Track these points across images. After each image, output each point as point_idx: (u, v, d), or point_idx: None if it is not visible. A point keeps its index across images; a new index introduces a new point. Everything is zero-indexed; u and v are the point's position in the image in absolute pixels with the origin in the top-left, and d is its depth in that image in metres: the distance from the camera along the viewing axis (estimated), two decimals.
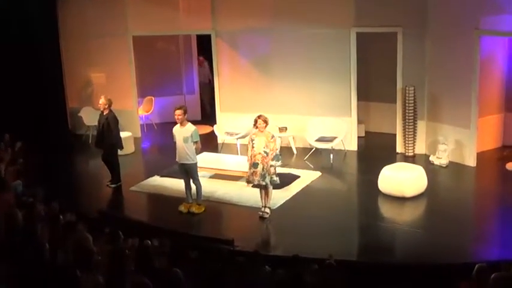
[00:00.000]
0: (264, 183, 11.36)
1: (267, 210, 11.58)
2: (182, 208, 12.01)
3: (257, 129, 11.42)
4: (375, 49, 15.69)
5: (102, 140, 13.38)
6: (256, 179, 11.37)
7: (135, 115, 17.17)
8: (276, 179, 11.46)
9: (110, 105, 13.33)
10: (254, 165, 11.34)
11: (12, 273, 6.86)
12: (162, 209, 12.54)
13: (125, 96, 16.93)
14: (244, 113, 15.37)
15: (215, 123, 16.41)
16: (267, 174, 11.32)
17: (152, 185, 13.50)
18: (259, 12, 15.49)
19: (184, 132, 11.74)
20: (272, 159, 11.31)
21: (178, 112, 11.74)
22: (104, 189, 13.53)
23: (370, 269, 9.50)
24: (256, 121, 11.42)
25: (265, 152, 11.25)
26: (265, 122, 11.38)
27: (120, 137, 13.66)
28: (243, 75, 16.11)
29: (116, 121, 13.36)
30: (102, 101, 13.39)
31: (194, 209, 11.94)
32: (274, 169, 11.41)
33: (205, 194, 12.46)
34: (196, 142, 11.77)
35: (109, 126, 13.22)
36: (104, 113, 13.34)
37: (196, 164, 11.95)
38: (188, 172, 11.93)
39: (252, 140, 11.43)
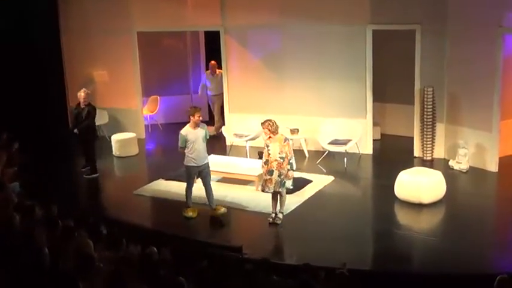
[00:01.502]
0: (279, 190, 11.34)
1: (280, 216, 11.58)
2: (191, 213, 12.00)
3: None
4: (391, 47, 15.66)
5: (82, 128, 14.05)
6: (271, 187, 11.35)
7: (140, 115, 17.21)
8: (290, 183, 11.49)
9: (88, 99, 14.19)
10: (269, 172, 11.31)
11: (10, 278, 6.88)
12: (167, 214, 12.54)
13: (129, 95, 17.00)
14: (253, 113, 15.39)
15: (224, 124, 16.43)
16: (285, 179, 11.29)
17: (157, 189, 13.54)
18: (270, 8, 15.49)
19: (200, 133, 11.87)
20: (288, 164, 11.28)
21: (199, 114, 11.84)
22: (106, 193, 13.54)
23: (384, 279, 9.49)
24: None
25: (280, 157, 11.20)
26: (269, 129, 11.25)
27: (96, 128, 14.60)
28: (253, 74, 16.13)
29: (95, 111, 14.25)
30: (83, 93, 14.07)
31: (221, 212, 11.99)
32: (290, 173, 11.39)
33: (214, 198, 12.53)
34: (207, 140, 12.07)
35: (89, 114, 14.04)
36: (81, 105, 14.07)
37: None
38: (205, 173, 11.99)
39: (267, 146, 11.38)
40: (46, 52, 16.39)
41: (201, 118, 11.93)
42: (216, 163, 13.78)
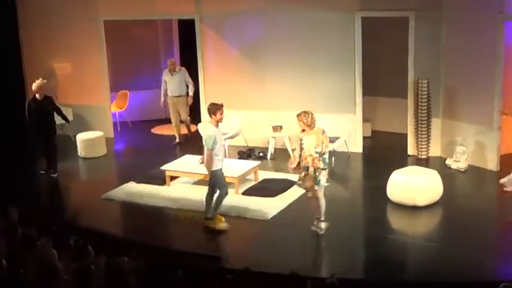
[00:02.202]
0: (316, 188, 11.20)
1: (322, 225, 11.30)
2: (223, 224, 11.63)
3: (305, 130, 11.18)
4: (383, 36, 15.72)
5: (43, 124, 14.12)
6: (309, 183, 11.16)
7: (107, 112, 17.14)
8: (324, 180, 11.25)
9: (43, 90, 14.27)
10: (305, 168, 11.16)
11: None
12: (139, 221, 12.50)
13: (95, 90, 16.92)
14: (232, 109, 15.34)
15: (200, 121, 16.40)
16: (320, 176, 11.14)
17: (127, 193, 13.47)
18: None
19: (220, 132, 11.77)
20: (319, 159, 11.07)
21: (222, 111, 11.61)
22: (72, 197, 13.48)
23: None
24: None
25: (316, 152, 11.04)
26: (304, 122, 11.09)
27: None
28: (232, 66, 16.11)
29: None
30: (39, 84, 14.10)
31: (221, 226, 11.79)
32: (324, 170, 11.17)
33: (188, 203, 12.49)
34: None
35: (54, 105, 14.30)
36: (38, 98, 14.10)
37: None
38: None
39: (301, 140, 11.22)
40: (2, 43, 16.27)
41: (223, 116, 11.65)
42: (192, 164, 13.76)
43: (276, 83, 15.65)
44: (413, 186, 12.21)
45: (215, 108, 11.54)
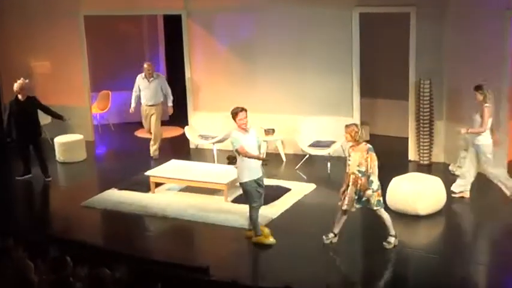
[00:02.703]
0: (353, 209, 11.03)
1: (391, 240, 11.11)
2: (271, 239, 11.37)
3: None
4: (382, 34, 15.74)
5: (27, 126, 14.30)
6: (345, 204, 10.97)
7: (88, 113, 17.12)
8: (375, 200, 10.98)
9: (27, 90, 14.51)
10: (346, 187, 11.02)
11: None
12: (121, 230, 12.49)
13: (75, 91, 16.90)
14: (221, 111, 15.33)
15: (187, 124, 16.36)
16: (376, 198, 10.91)
17: (108, 200, 13.44)
18: None
19: (252, 138, 11.33)
20: (370, 180, 10.80)
21: (243, 115, 11.20)
22: (49, 205, 13.42)
23: None
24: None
25: (359, 171, 10.86)
26: (351, 135, 10.84)
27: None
28: (221, 65, 16.11)
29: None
30: (20, 84, 14.26)
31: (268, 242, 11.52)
32: (378, 191, 10.95)
33: (174, 211, 12.48)
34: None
35: (41, 105, 14.54)
36: (21, 99, 14.28)
37: None
38: (263, 188, 11.45)
39: (349, 155, 11.07)
40: None
41: (246, 120, 11.27)
42: (178, 169, 13.73)
43: (268, 84, 15.65)
44: (414, 193, 12.18)
45: (233, 113, 11.25)
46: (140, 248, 11.42)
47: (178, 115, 16.86)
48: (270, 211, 12.50)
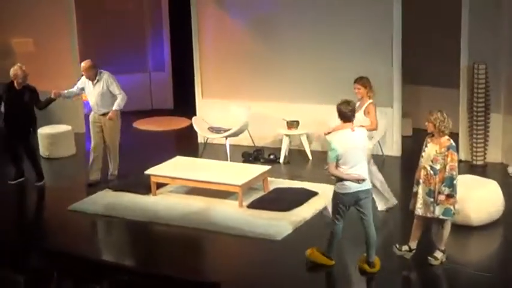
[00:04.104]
0: (429, 215, 10.90)
1: (438, 255, 11.06)
2: (333, 261, 11.20)
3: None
4: (428, 11, 15.67)
5: (17, 118, 14.22)
6: (417, 206, 10.89)
7: (78, 101, 17.11)
8: (456, 210, 10.90)
9: (27, 77, 14.29)
10: (416, 182, 10.97)
11: None
12: (115, 238, 12.59)
13: (62, 74, 16.97)
14: (235, 99, 15.35)
15: (194, 114, 16.36)
16: (440, 203, 10.78)
17: (101, 204, 13.49)
18: None
19: (359, 138, 11.05)
20: (443, 183, 10.70)
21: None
22: (33, 209, 13.47)
23: None
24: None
25: (431, 168, 10.81)
26: (435, 124, 10.72)
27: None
28: (235, 46, 16.19)
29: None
30: (19, 71, 14.12)
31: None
32: (452, 198, 10.82)
33: (179, 217, 12.53)
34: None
35: (34, 98, 14.40)
36: (17, 87, 14.17)
37: None
38: (366, 203, 10.95)
39: (426, 145, 11.04)
40: None
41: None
42: (184, 167, 13.74)
43: (291, 68, 15.67)
44: (465, 200, 12.08)
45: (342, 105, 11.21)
46: (138, 261, 11.49)
47: (184, 103, 16.83)
48: (293, 219, 12.52)
